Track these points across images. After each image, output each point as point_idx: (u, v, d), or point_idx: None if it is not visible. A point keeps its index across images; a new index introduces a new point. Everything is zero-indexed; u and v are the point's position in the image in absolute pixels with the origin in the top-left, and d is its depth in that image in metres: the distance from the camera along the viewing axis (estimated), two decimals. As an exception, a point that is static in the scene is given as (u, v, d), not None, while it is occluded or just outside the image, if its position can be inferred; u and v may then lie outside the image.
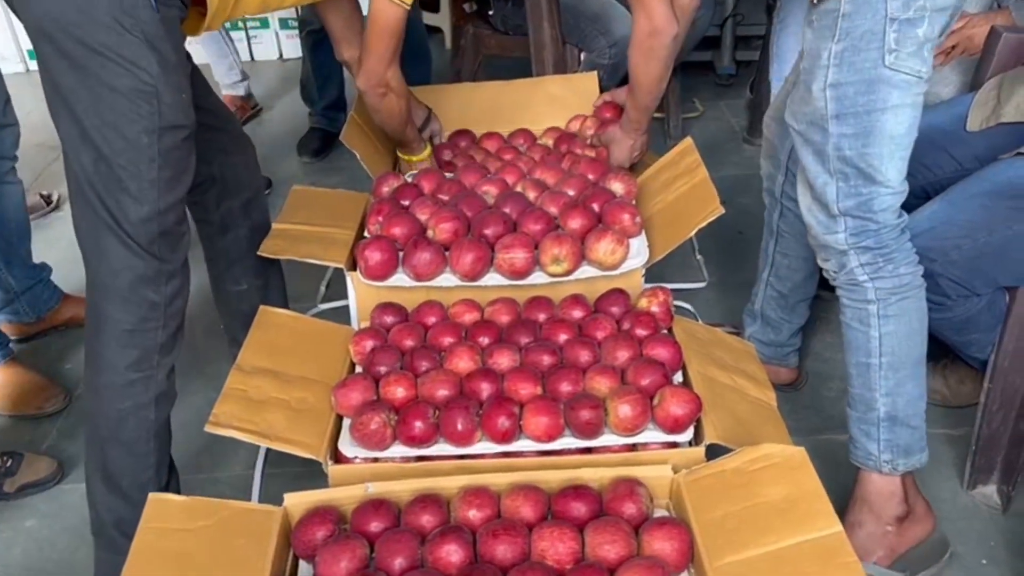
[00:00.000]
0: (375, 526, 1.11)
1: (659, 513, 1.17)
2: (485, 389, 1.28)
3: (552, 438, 1.24)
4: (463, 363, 1.33)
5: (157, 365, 1.36)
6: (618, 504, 1.12)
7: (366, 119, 1.88)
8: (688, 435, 1.26)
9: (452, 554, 1.05)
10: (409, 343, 1.39)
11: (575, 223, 1.54)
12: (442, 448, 1.25)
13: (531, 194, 1.65)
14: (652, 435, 1.25)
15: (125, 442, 1.36)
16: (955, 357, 1.76)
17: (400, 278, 1.51)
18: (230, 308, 1.79)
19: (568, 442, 1.25)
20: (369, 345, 1.40)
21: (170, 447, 1.45)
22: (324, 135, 2.98)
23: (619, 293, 1.47)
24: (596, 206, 1.58)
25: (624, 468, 1.17)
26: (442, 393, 1.28)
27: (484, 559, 1.06)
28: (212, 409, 1.23)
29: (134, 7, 1.20)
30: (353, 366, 1.42)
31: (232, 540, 1.07)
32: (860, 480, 1.44)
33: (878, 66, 1.20)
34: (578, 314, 1.45)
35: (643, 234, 1.57)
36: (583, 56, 2.54)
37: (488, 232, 1.53)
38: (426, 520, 1.11)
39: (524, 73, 2.26)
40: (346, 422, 1.29)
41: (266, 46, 3.82)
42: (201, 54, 2.78)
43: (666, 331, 1.43)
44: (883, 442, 1.39)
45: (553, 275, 1.50)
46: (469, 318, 1.46)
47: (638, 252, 1.53)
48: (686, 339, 1.41)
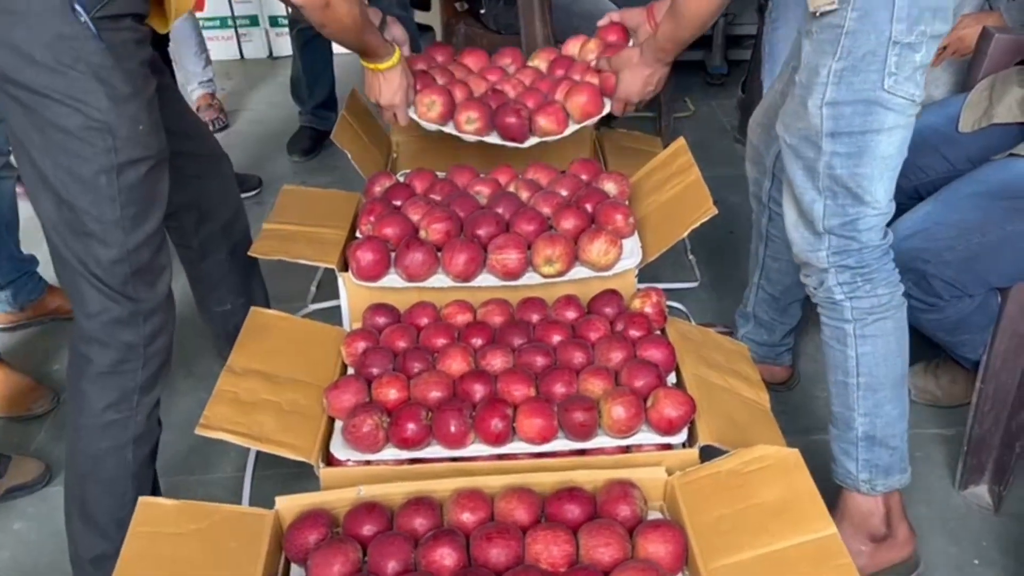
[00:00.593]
0: (368, 529, 1.10)
1: (653, 515, 1.16)
2: (478, 391, 1.28)
3: (546, 440, 1.23)
4: (456, 364, 1.33)
5: (137, 405, 1.32)
6: (612, 506, 1.12)
7: (358, 118, 1.87)
8: (682, 437, 1.26)
9: (445, 557, 1.04)
10: (401, 344, 1.39)
11: (568, 224, 1.53)
12: (435, 450, 1.24)
13: (524, 194, 1.65)
14: (646, 437, 1.25)
15: (103, 481, 1.33)
16: (947, 357, 1.76)
17: (392, 279, 1.50)
18: (215, 328, 1.79)
19: (562, 444, 1.24)
20: (361, 346, 1.39)
21: (152, 480, 1.42)
22: (314, 134, 2.96)
23: (612, 294, 1.47)
24: (589, 206, 1.58)
25: (618, 470, 1.17)
26: (435, 395, 1.27)
27: (478, 562, 1.05)
28: (202, 411, 1.23)
29: (74, 40, 1.13)
30: (345, 367, 1.42)
31: (224, 544, 1.06)
32: (841, 496, 1.43)
33: (877, 88, 1.20)
34: (571, 315, 1.45)
35: (636, 235, 1.57)
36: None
37: (481, 233, 1.52)
38: (419, 523, 1.10)
39: (516, 72, 2.25)
40: (338, 424, 1.28)
41: (256, 44, 3.80)
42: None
43: (659, 332, 1.43)
44: (862, 462, 1.38)
45: (546, 276, 1.50)
46: (462, 319, 1.45)
47: (631, 253, 1.53)
48: (679, 340, 1.41)
